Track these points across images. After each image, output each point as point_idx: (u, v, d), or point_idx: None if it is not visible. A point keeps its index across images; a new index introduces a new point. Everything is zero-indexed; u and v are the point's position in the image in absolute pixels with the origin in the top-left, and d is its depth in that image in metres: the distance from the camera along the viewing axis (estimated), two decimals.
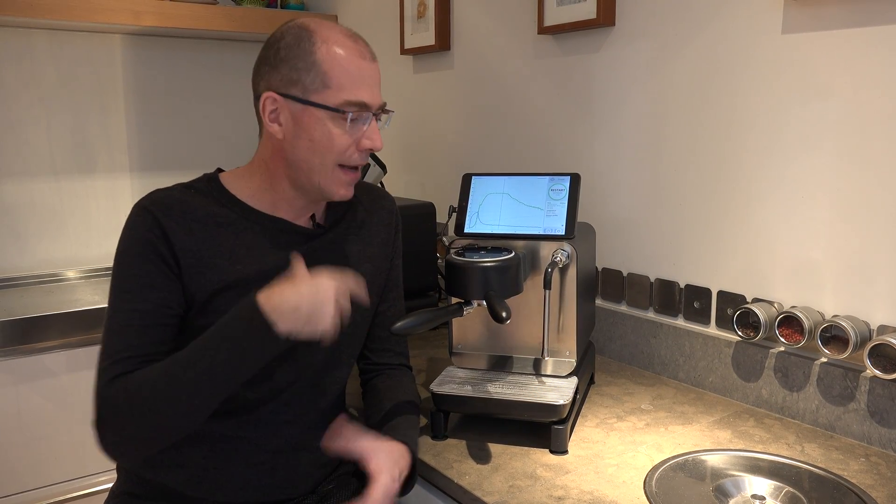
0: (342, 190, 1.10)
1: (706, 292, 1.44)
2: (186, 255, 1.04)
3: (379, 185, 1.84)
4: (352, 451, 1.06)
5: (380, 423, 1.13)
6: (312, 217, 1.16)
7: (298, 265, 0.98)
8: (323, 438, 1.10)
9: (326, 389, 1.18)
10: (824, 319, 1.23)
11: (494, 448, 1.17)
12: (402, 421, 1.13)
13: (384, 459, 1.03)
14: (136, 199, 1.07)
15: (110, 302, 1.03)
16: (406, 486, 1.07)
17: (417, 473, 1.09)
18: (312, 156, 1.06)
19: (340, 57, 1.05)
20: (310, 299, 0.93)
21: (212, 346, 0.96)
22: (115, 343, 1.00)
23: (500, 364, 1.27)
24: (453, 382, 1.23)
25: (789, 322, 1.25)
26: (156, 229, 1.03)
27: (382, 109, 1.11)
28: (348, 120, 1.05)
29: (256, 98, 1.09)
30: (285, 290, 0.94)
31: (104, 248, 2.35)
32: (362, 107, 1.06)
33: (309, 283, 0.95)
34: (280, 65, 1.05)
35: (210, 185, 1.12)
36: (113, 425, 0.97)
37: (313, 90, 1.04)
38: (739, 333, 1.33)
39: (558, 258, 1.18)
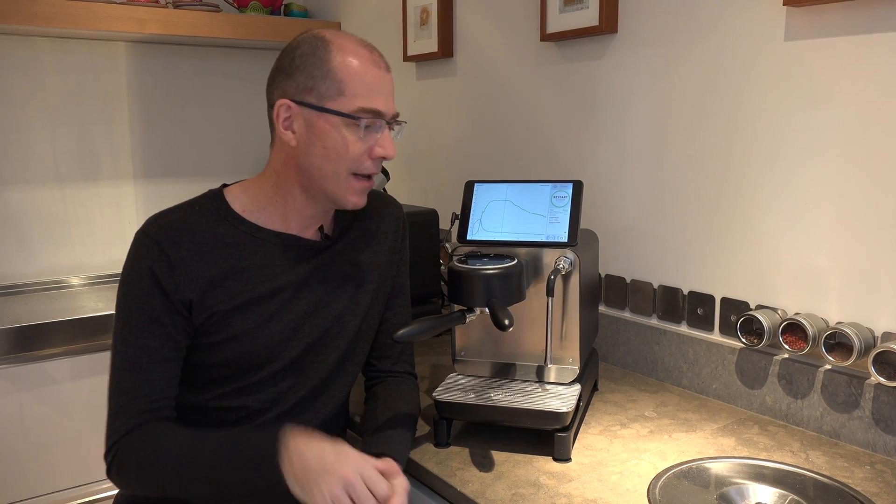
0: (354, 198, 1.10)
1: (710, 299, 1.43)
2: (198, 280, 1.05)
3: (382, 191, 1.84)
4: None
5: (372, 433, 1.12)
6: (321, 228, 1.16)
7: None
8: None
9: (330, 397, 1.18)
10: (828, 326, 1.22)
11: (498, 456, 1.16)
12: (394, 434, 1.11)
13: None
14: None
15: (119, 331, 1.05)
16: None
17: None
18: (326, 163, 1.07)
19: (356, 65, 1.06)
20: (321, 476, 0.92)
21: (220, 465, 0.98)
22: (127, 380, 1.04)
23: (503, 371, 1.27)
24: (456, 390, 1.23)
25: (793, 329, 1.25)
26: (161, 262, 1.04)
27: (395, 119, 1.11)
28: (361, 127, 1.06)
29: (270, 107, 1.10)
30: (312, 460, 0.93)
31: (108, 256, 2.35)
32: (376, 114, 1.07)
33: (333, 468, 0.92)
34: (295, 73, 1.06)
35: (215, 202, 1.11)
36: (120, 481, 1.05)
37: (328, 97, 1.05)
38: (743, 340, 1.32)
39: (561, 265, 1.18)
